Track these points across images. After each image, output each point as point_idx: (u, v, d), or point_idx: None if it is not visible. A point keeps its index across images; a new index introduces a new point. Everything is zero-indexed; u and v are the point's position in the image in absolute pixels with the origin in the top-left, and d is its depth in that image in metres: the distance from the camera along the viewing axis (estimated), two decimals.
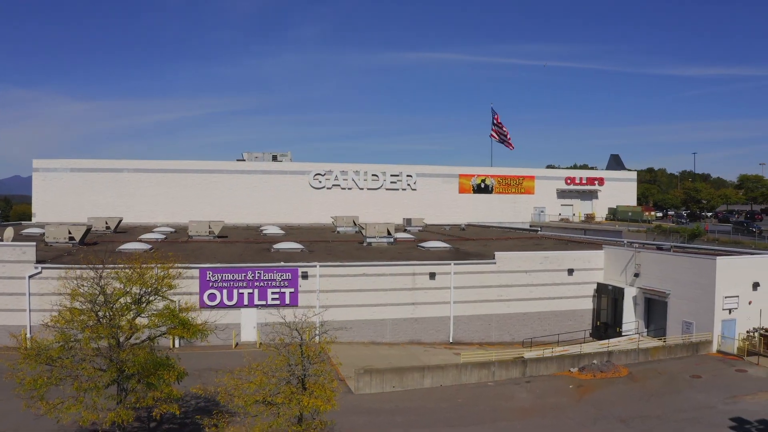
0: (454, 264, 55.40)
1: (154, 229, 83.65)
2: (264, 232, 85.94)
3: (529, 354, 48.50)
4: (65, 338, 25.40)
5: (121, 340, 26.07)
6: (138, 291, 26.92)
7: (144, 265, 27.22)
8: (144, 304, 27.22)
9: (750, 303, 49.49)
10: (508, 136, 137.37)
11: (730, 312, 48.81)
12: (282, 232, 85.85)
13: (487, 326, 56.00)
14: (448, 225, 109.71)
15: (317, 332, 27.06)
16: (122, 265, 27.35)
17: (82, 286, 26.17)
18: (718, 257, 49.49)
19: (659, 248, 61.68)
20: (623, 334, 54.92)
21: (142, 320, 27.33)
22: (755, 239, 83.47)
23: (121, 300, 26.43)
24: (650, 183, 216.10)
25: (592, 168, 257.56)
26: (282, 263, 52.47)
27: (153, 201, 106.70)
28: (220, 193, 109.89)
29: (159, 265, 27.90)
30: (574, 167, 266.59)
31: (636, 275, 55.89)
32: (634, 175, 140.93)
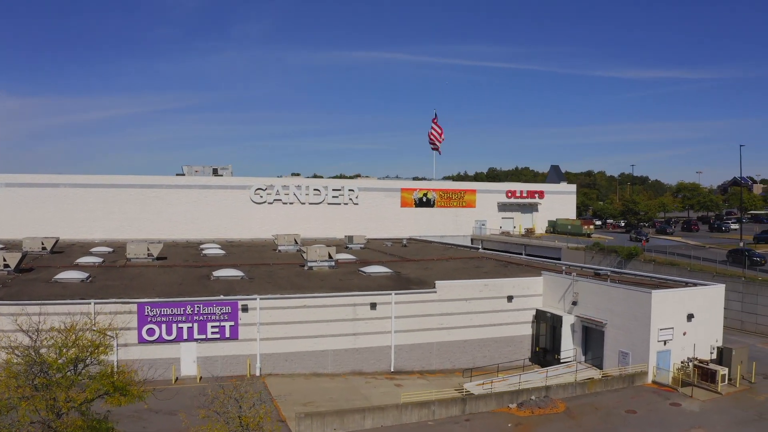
0: (395, 294, 55.57)
1: (92, 250, 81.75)
2: (204, 252, 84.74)
3: (469, 385, 49.08)
4: (1, 405, 24.75)
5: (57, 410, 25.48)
6: (74, 356, 26.34)
7: (79, 332, 26.63)
8: (81, 368, 26.65)
9: (684, 334, 50.83)
10: (440, 141, 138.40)
11: (665, 343, 50.04)
12: (222, 252, 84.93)
13: (428, 354, 56.37)
14: (390, 240, 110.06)
15: (256, 401, 26.86)
16: (56, 330, 26.69)
17: (17, 348, 25.61)
18: (653, 290, 50.54)
19: (597, 273, 62.93)
20: (562, 360, 55.89)
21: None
22: None
23: (57, 362, 25.84)
24: (589, 187, 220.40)
25: (533, 171, 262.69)
26: (222, 297, 51.77)
27: (91, 216, 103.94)
28: (160, 209, 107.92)
29: (95, 328, 27.39)
30: (516, 170, 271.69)
31: (574, 303, 56.81)
32: (573, 187, 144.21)
